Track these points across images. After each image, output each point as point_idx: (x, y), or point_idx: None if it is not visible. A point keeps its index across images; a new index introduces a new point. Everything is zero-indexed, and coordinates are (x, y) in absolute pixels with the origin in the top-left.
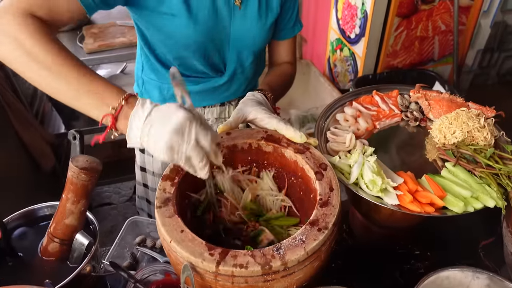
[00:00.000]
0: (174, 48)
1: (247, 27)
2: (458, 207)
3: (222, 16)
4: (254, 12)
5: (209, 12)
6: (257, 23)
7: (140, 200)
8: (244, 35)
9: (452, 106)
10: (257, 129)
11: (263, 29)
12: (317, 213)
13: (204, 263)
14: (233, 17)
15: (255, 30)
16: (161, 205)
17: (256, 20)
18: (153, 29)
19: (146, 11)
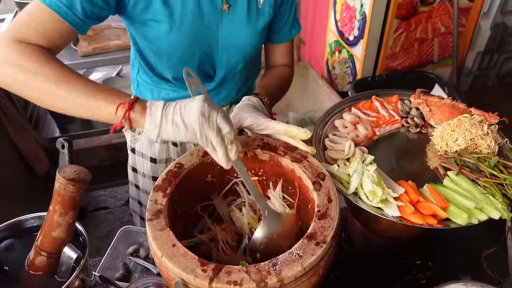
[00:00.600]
0: (162, 55)
1: (237, 31)
2: (462, 219)
3: (209, 21)
4: (243, 17)
5: (194, 17)
6: (247, 28)
7: (133, 202)
8: (233, 40)
9: (454, 112)
10: (253, 137)
11: (253, 33)
12: (315, 226)
13: (197, 279)
14: (221, 22)
15: (245, 35)
16: (152, 218)
17: (246, 25)
18: (141, 37)
19: (132, 18)
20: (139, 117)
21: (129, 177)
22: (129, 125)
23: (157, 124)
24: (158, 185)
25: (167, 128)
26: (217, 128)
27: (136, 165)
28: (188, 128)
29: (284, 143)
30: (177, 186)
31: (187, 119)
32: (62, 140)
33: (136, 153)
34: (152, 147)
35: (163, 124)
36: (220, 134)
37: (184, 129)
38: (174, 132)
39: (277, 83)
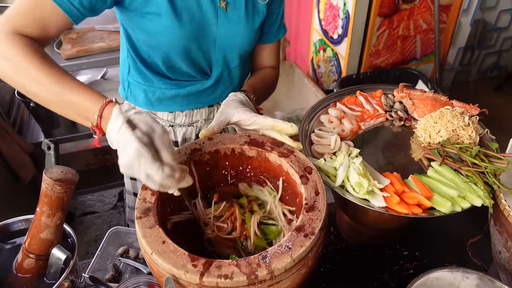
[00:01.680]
0: (159, 50)
1: (234, 29)
2: (446, 207)
3: (208, 18)
4: (241, 15)
5: (194, 13)
6: (244, 26)
7: (130, 211)
8: (231, 37)
9: (436, 105)
10: (240, 134)
11: (250, 31)
12: (303, 218)
13: (187, 275)
14: (220, 20)
15: (242, 33)
16: (141, 216)
17: (244, 23)
18: (139, 30)
19: (131, 11)
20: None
21: (127, 186)
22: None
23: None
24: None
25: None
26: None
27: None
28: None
29: (271, 139)
30: None
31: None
32: (47, 141)
33: None
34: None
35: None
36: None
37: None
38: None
39: (263, 84)
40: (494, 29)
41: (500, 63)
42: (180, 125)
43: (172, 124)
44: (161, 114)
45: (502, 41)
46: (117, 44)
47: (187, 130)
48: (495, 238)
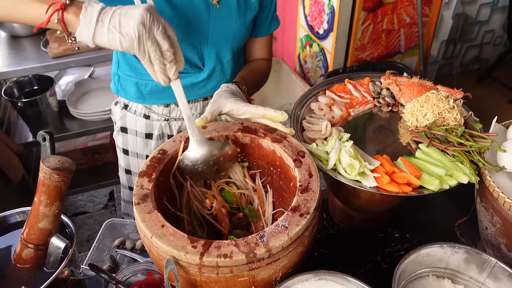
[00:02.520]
0: None
1: (227, 25)
2: (434, 185)
3: (199, 15)
4: (233, 11)
5: (186, 8)
6: (236, 21)
7: (126, 205)
8: (223, 33)
9: (422, 90)
10: (233, 121)
11: (242, 26)
12: (298, 199)
13: (188, 255)
14: (212, 16)
15: (235, 28)
16: (139, 202)
17: (236, 18)
18: None
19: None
20: (73, 18)
21: (122, 181)
22: (64, 28)
23: (91, 27)
24: (143, 171)
25: (102, 33)
26: (156, 42)
27: (131, 167)
28: (125, 36)
29: (264, 125)
30: (162, 171)
31: (126, 26)
32: (43, 132)
33: (130, 154)
34: (147, 146)
35: (98, 28)
36: (160, 50)
37: (120, 37)
38: (109, 38)
39: (255, 75)
40: (475, 23)
41: (481, 56)
42: (175, 119)
43: (167, 118)
44: (156, 108)
45: (483, 34)
46: None
47: (182, 124)
48: (481, 215)
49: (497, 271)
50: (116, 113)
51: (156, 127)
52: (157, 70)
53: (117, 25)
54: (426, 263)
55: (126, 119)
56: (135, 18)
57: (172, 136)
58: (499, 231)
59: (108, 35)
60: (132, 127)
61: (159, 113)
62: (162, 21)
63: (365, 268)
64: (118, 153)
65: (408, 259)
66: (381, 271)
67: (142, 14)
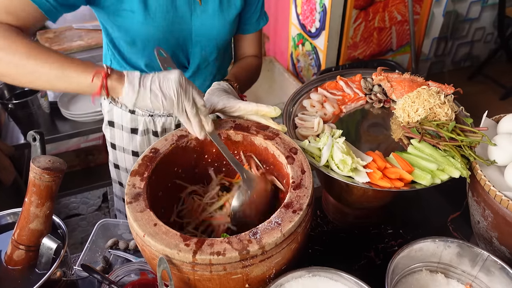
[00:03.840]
0: (135, 46)
1: (209, 22)
2: (426, 179)
3: (182, 12)
4: (215, 7)
5: (168, 8)
6: (219, 18)
7: (118, 201)
8: (206, 30)
9: (413, 86)
10: (225, 119)
11: (226, 23)
12: (291, 195)
13: (180, 254)
14: (194, 13)
15: (218, 25)
16: (131, 201)
17: (218, 15)
18: (115, 27)
19: (105, 8)
20: (116, 84)
21: (112, 175)
22: (106, 93)
23: (135, 90)
24: (135, 170)
25: (145, 96)
26: (192, 100)
27: (118, 161)
28: (167, 97)
29: (256, 123)
30: (154, 170)
31: (166, 89)
32: (33, 132)
33: (117, 149)
34: (133, 141)
35: (141, 91)
36: (196, 106)
37: (163, 98)
38: (152, 100)
39: (246, 72)
40: (466, 20)
41: (472, 53)
42: (159, 115)
43: (151, 114)
44: None
45: (474, 32)
46: (96, 42)
47: (166, 120)
48: (473, 209)
49: (489, 264)
50: (105, 106)
51: (141, 122)
52: (195, 124)
53: (158, 87)
54: (419, 258)
55: (113, 113)
56: (173, 80)
57: (156, 132)
58: (490, 224)
59: (151, 97)
60: (119, 121)
61: (143, 108)
62: (192, 83)
63: (359, 264)
64: (108, 147)
65: (401, 254)
66: (375, 267)
67: (179, 77)
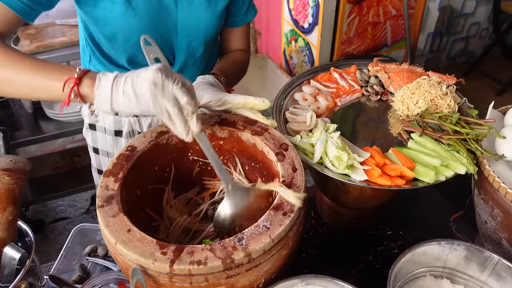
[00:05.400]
0: (116, 40)
1: (196, 15)
2: (429, 176)
3: (167, 2)
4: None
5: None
6: (206, 11)
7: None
8: (193, 24)
9: (412, 77)
10: (210, 114)
11: (213, 16)
12: (281, 196)
13: (156, 263)
14: (180, 4)
15: (205, 18)
16: (103, 204)
17: (205, 8)
18: (93, 19)
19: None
20: (89, 91)
21: (95, 181)
22: (82, 100)
23: (107, 97)
24: (109, 170)
25: (118, 100)
26: (174, 98)
27: (102, 167)
28: (139, 99)
29: (243, 117)
30: (130, 169)
31: (139, 90)
32: None
33: (100, 153)
34: (118, 144)
35: (114, 96)
36: (178, 105)
37: (135, 100)
38: (125, 104)
39: (233, 66)
40: (461, 15)
41: (467, 49)
42: (145, 115)
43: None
44: None
45: (469, 27)
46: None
47: (152, 120)
48: (480, 208)
49: (500, 268)
50: (84, 109)
51: (125, 124)
52: (179, 126)
53: (130, 89)
54: (422, 262)
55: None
56: (146, 78)
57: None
58: (500, 225)
59: (123, 99)
60: (101, 124)
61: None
62: (177, 76)
63: (357, 268)
64: (90, 152)
65: (403, 258)
66: (374, 271)
67: (153, 74)
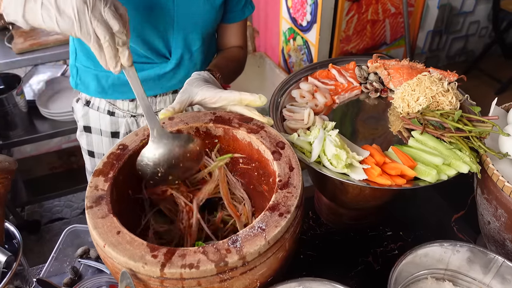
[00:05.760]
0: None
1: (194, 7)
2: (431, 176)
3: None
4: None
5: None
6: (204, 4)
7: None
8: (191, 17)
9: (413, 73)
10: (205, 111)
11: (211, 9)
12: (277, 196)
13: (146, 267)
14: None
15: (203, 11)
16: (92, 205)
17: (203, 1)
18: None
19: None
20: None
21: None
22: None
23: (20, 2)
24: (99, 169)
25: (34, 9)
26: (104, 22)
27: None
28: (62, 14)
29: (239, 115)
30: (121, 169)
31: (63, 4)
32: None
33: (96, 156)
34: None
35: (29, 4)
36: (110, 31)
37: (57, 15)
38: (44, 17)
39: (229, 63)
40: (460, 13)
41: (467, 48)
42: (143, 115)
43: (133, 114)
44: (121, 104)
45: (468, 26)
46: None
47: None
48: (483, 208)
49: (505, 271)
50: (78, 110)
51: (122, 125)
52: (108, 55)
53: (51, 1)
54: (424, 264)
55: (89, 117)
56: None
57: None
58: (504, 225)
59: (42, 12)
60: (96, 125)
61: (124, 109)
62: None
63: (356, 270)
64: (84, 156)
65: (404, 260)
66: (373, 273)
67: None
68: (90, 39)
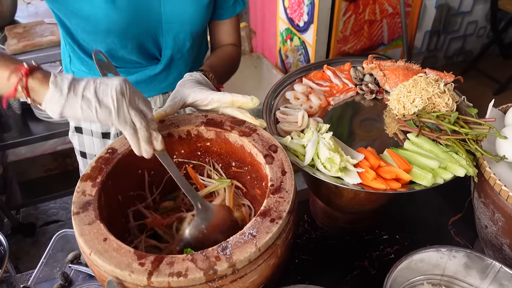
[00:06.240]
0: (96, 35)
1: (181, 7)
2: (427, 179)
3: None
4: None
5: None
6: (191, 3)
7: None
8: (178, 15)
9: (409, 74)
10: (196, 114)
11: (199, 7)
12: (269, 201)
13: (133, 275)
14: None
15: (191, 10)
16: (78, 211)
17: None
18: (72, 15)
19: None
20: (39, 86)
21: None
22: (26, 94)
23: (63, 95)
24: (87, 174)
25: (74, 103)
26: (140, 111)
27: None
28: (102, 105)
29: (231, 117)
30: (110, 173)
31: (103, 96)
32: None
33: (88, 157)
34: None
35: (70, 98)
36: (145, 118)
37: (97, 105)
38: (83, 108)
39: (223, 62)
40: (458, 13)
41: (465, 48)
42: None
43: None
44: None
45: (466, 26)
46: None
47: None
48: (480, 212)
49: (502, 276)
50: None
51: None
52: (143, 140)
53: (92, 93)
54: (420, 269)
55: None
56: (113, 86)
57: None
58: (501, 230)
59: (83, 104)
60: (87, 126)
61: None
62: (139, 93)
63: (351, 275)
64: (77, 157)
65: (399, 266)
66: (369, 277)
67: (121, 83)
68: (127, 126)
